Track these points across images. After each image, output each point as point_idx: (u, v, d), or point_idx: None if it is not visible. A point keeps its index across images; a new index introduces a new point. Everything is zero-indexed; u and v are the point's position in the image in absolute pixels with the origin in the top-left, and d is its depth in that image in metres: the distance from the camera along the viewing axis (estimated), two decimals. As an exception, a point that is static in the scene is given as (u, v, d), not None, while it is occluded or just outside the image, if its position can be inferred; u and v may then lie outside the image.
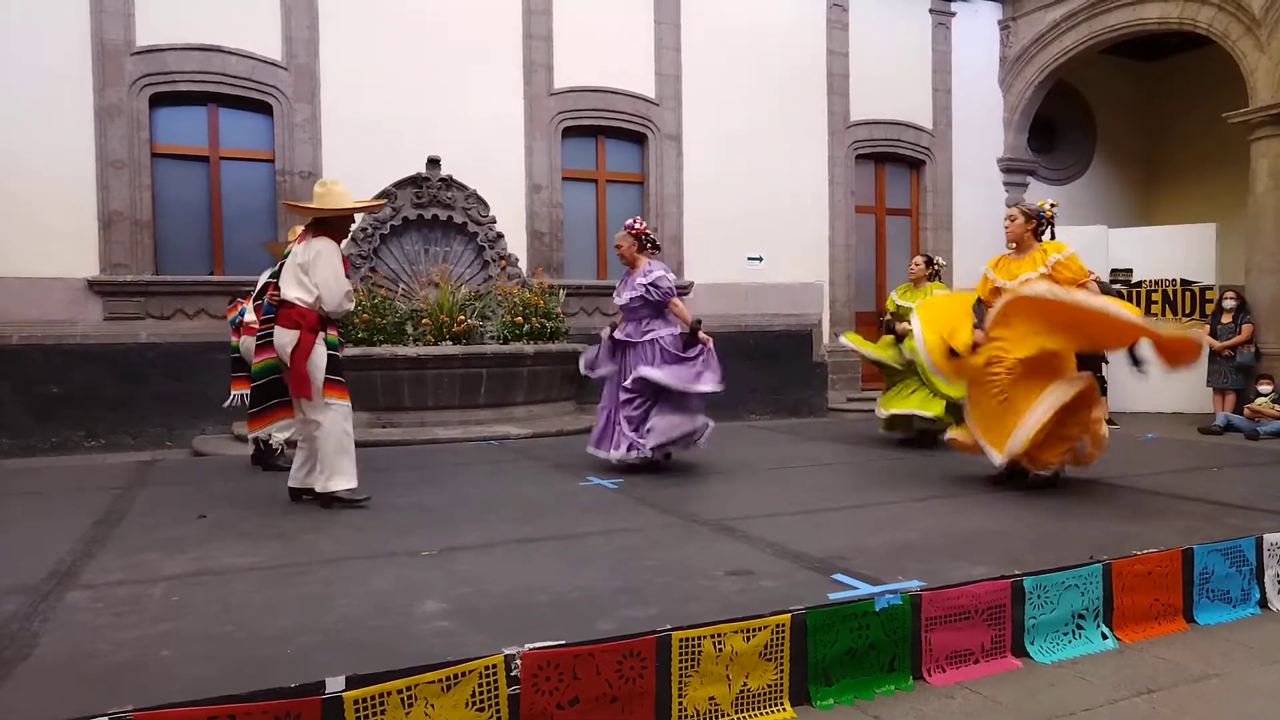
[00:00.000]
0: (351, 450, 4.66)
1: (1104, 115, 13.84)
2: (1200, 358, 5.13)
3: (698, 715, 2.64)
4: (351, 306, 4.77)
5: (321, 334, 4.60)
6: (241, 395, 6.00)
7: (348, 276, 4.71)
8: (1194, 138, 13.35)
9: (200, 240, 8.88)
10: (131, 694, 2.20)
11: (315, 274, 4.57)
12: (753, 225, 10.90)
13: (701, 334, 5.62)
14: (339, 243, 4.75)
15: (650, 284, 5.62)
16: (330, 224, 4.74)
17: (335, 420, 4.60)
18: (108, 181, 8.30)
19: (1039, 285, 4.83)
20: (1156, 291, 10.73)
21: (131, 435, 8.29)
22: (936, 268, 7.23)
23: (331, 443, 4.57)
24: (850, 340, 7.47)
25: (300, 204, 4.93)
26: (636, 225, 5.81)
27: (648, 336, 5.66)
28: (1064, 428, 4.81)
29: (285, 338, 4.55)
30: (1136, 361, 4.92)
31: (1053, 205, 5.26)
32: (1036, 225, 5.13)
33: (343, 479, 4.61)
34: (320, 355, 4.58)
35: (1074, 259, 4.95)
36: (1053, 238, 5.26)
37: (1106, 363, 9.88)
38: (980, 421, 5.09)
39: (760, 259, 11.07)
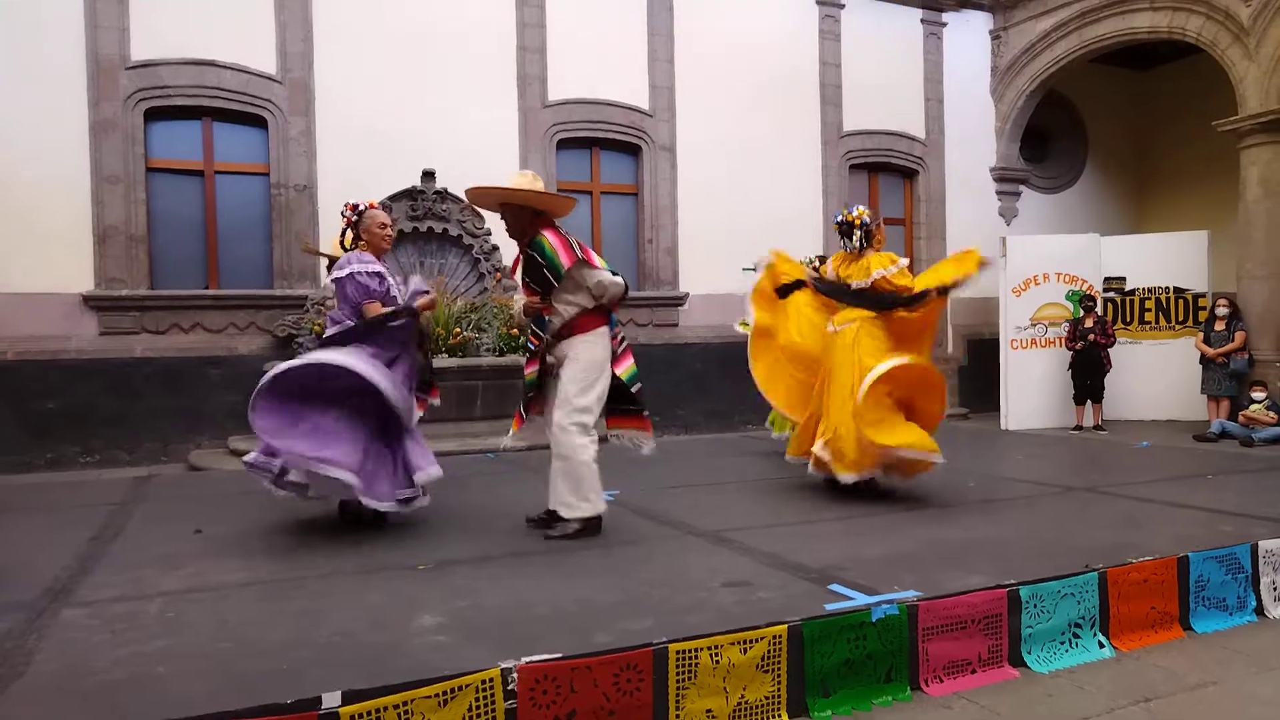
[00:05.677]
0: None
1: (1095, 124, 13.91)
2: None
3: (695, 728, 2.64)
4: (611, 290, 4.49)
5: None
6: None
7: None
8: (1185, 146, 13.41)
9: (195, 254, 8.86)
10: (127, 711, 2.20)
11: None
12: (747, 236, 10.87)
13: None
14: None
15: None
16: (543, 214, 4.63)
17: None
18: (102, 196, 8.28)
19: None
20: (1150, 299, 10.77)
21: (127, 451, 8.27)
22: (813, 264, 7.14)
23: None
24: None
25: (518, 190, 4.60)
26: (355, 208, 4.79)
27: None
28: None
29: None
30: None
31: (859, 212, 5.39)
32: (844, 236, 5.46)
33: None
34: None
35: (898, 275, 5.15)
36: (875, 245, 5.38)
37: (1109, 368, 9.88)
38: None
39: (755, 269, 11.02)
